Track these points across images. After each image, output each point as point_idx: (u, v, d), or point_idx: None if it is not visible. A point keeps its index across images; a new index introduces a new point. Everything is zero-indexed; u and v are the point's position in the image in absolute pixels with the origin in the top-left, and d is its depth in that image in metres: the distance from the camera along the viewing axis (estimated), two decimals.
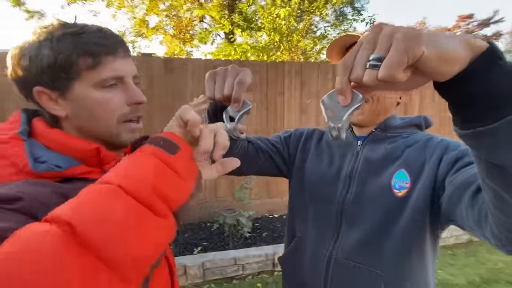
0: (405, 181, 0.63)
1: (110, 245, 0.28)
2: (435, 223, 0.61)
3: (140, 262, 0.29)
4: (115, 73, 0.48)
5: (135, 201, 0.31)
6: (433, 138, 0.66)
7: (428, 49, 0.27)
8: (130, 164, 0.34)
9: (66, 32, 0.46)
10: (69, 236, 0.27)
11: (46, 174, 0.42)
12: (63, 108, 0.48)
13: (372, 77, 0.30)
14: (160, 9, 7.76)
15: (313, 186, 0.76)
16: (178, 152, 0.36)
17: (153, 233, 0.31)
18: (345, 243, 0.67)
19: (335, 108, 0.36)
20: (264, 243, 2.79)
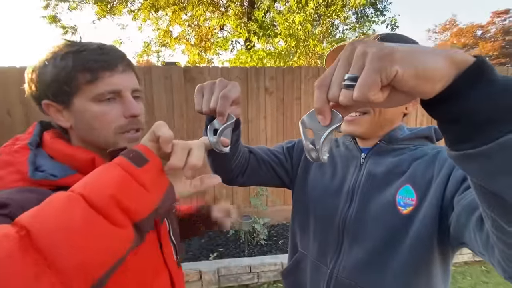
0: (411, 198, 0.58)
1: (57, 249, 0.29)
2: (444, 243, 0.56)
3: (85, 268, 0.30)
4: (112, 87, 0.51)
5: (92, 210, 0.32)
6: (442, 151, 0.61)
7: (402, 68, 0.25)
8: (96, 173, 0.36)
9: (68, 50, 0.51)
10: (25, 240, 0.28)
11: (43, 182, 0.46)
12: (67, 119, 0.53)
13: (348, 97, 0.28)
14: (183, 19, 8.09)
15: (315, 199, 0.73)
16: (146, 164, 0.36)
17: (105, 241, 0.32)
18: (347, 261, 0.64)
19: (316, 127, 0.34)
20: (280, 252, 2.74)
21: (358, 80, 0.27)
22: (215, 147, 0.48)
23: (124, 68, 0.53)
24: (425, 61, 0.26)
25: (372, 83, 0.26)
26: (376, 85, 0.26)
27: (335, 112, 0.32)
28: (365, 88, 0.26)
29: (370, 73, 0.26)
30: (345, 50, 0.30)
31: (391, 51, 0.26)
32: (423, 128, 0.67)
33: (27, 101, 2.19)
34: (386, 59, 0.26)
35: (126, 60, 0.54)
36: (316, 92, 0.31)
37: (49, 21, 6.53)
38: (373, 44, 0.27)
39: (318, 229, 0.71)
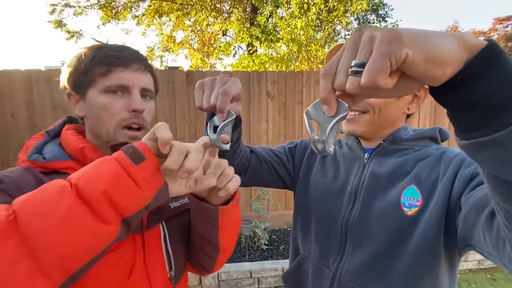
0: (416, 198, 0.57)
1: (40, 237, 0.29)
2: (450, 245, 0.54)
3: (65, 261, 0.30)
4: (121, 82, 0.54)
5: (81, 202, 0.32)
6: (448, 151, 0.59)
7: (412, 51, 0.24)
8: (93, 166, 0.36)
9: (92, 47, 0.56)
10: (12, 224, 0.29)
11: (34, 163, 0.50)
12: (82, 109, 0.57)
13: (355, 84, 0.27)
14: (186, 25, 8.19)
15: (317, 200, 0.71)
16: (143, 162, 0.36)
17: (88, 237, 0.32)
18: (350, 263, 0.62)
19: (321, 119, 0.33)
20: (281, 257, 2.70)
21: (366, 66, 0.26)
22: (215, 144, 0.47)
23: (138, 67, 0.56)
24: (436, 44, 0.25)
25: (381, 68, 0.25)
26: (385, 69, 0.25)
27: (341, 101, 0.31)
28: (373, 73, 0.25)
29: (378, 57, 0.25)
30: (351, 37, 0.29)
31: (400, 34, 0.25)
32: (427, 128, 0.66)
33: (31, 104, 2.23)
34: (395, 42, 0.25)
35: (142, 61, 0.57)
36: (322, 82, 0.30)
37: (55, 26, 6.63)
38: (380, 29, 0.26)
39: (320, 231, 0.69)
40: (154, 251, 0.55)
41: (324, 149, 0.34)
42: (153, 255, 0.55)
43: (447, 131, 0.67)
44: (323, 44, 4.83)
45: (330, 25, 5.09)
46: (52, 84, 2.88)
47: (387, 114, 0.62)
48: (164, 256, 0.57)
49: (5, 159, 2.86)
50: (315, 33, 4.44)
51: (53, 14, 6.57)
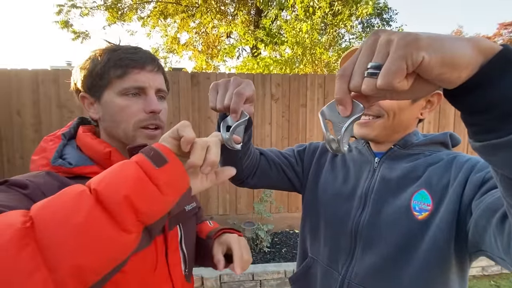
0: (427, 203, 0.57)
1: (55, 245, 0.27)
2: (461, 250, 0.54)
3: (81, 271, 0.28)
4: (138, 84, 0.54)
5: (101, 208, 0.30)
6: (458, 156, 0.60)
7: (429, 54, 0.25)
8: (113, 170, 0.35)
9: (106, 49, 0.56)
10: (29, 231, 0.27)
11: (60, 169, 0.49)
12: (97, 111, 0.57)
13: (371, 86, 0.28)
14: (190, 26, 8.25)
15: (326, 203, 0.71)
16: (165, 165, 0.35)
17: (107, 246, 0.30)
18: (360, 267, 0.62)
19: (336, 119, 0.34)
20: (283, 260, 2.69)
21: (382, 68, 0.27)
22: (227, 143, 0.48)
23: (153, 68, 0.56)
24: (452, 48, 0.25)
25: (397, 70, 0.26)
26: (401, 71, 0.26)
27: (356, 102, 0.32)
28: (390, 75, 0.26)
29: (395, 59, 0.26)
30: (367, 40, 0.29)
31: (417, 37, 0.25)
32: (438, 134, 0.66)
33: (37, 103, 2.25)
34: (412, 45, 0.25)
35: (156, 62, 0.58)
36: (337, 82, 0.31)
37: (61, 26, 6.70)
38: (397, 32, 0.27)
39: (329, 234, 0.69)
40: (174, 251, 0.58)
41: (338, 149, 0.34)
42: (174, 255, 0.58)
43: (458, 136, 0.67)
44: (327, 48, 4.85)
45: (335, 29, 5.11)
46: (58, 84, 2.90)
47: (401, 119, 0.63)
48: (181, 256, 0.60)
49: (11, 157, 2.89)
50: (320, 36, 4.46)
51: (60, 14, 6.64)
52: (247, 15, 7.87)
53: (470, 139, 0.30)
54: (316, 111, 3.31)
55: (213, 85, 0.52)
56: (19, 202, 0.38)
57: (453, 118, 3.43)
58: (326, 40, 4.67)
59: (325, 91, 3.31)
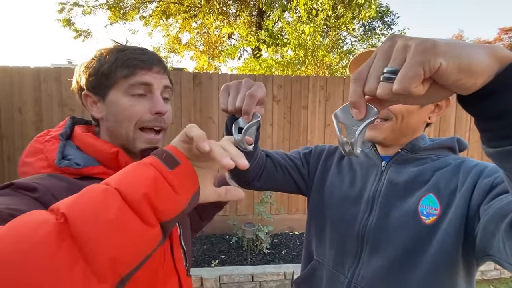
0: (434, 207, 0.57)
1: (94, 241, 0.28)
2: (468, 255, 0.54)
3: (117, 264, 0.30)
4: (143, 80, 0.54)
5: (127, 205, 0.31)
6: (466, 161, 0.60)
7: (446, 60, 0.25)
8: (130, 170, 0.36)
9: (113, 49, 0.56)
10: (63, 226, 0.28)
11: (66, 170, 0.48)
12: (100, 110, 0.56)
13: (387, 90, 0.28)
14: (192, 27, 8.26)
15: (332, 206, 0.72)
16: (177, 167, 0.36)
17: (136, 239, 0.32)
18: (366, 270, 0.62)
19: (349, 122, 0.34)
20: (282, 261, 2.69)
21: (399, 73, 0.27)
22: (239, 145, 0.48)
23: (159, 70, 0.56)
24: (469, 55, 0.26)
25: (414, 75, 0.26)
26: (418, 77, 0.26)
27: (370, 106, 0.32)
28: (406, 80, 0.26)
29: (412, 65, 0.26)
30: (383, 45, 0.30)
31: (435, 44, 0.26)
32: (446, 138, 0.66)
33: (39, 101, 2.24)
34: (430, 51, 0.26)
35: (162, 64, 0.58)
36: (352, 86, 0.31)
37: (63, 24, 6.71)
38: (414, 38, 0.27)
39: (335, 237, 0.69)
40: (177, 247, 0.60)
41: (351, 151, 0.35)
42: (177, 251, 0.59)
43: (465, 141, 0.67)
44: (330, 50, 4.86)
45: (337, 32, 5.12)
46: (60, 82, 2.90)
47: (409, 122, 0.63)
48: (181, 250, 0.62)
49: (11, 155, 2.88)
50: (322, 38, 4.47)
51: (62, 12, 6.65)
52: (249, 16, 7.89)
53: (483, 145, 0.31)
54: (317, 113, 3.32)
55: (224, 87, 0.52)
56: (28, 206, 0.38)
57: (453, 122, 3.45)
58: (329, 43, 4.69)
59: (327, 93, 3.32)
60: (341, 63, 4.94)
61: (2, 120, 2.85)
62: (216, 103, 3.16)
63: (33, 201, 0.40)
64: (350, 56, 4.89)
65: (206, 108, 3.15)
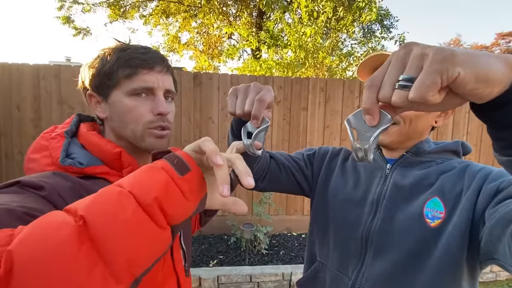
0: (439, 210, 0.57)
1: (110, 241, 0.29)
2: (473, 258, 0.55)
3: (132, 265, 0.30)
4: (147, 84, 0.54)
5: (140, 208, 0.32)
6: (471, 165, 0.60)
7: (464, 70, 0.26)
8: (141, 174, 0.36)
9: (116, 48, 0.55)
10: (82, 228, 0.28)
11: (70, 169, 0.48)
12: (104, 110, 0.56)
13: (402, 98, 0.28)
14: (192, 26, 8.25)
15: (336, 208, 0.72)
16: (188, 173, 0.36)
17: (150, 241, 0.32)
18: (370, 272, 0.63)
19: (361, 128, 0.35)
20: (280, 262, 2.70)
21: (415, 81, 0.27)
22: (248, 150, 0.48)
23: (162, 69, 0.56)
24: (486, 64, 0.26)
25: (432, 84, 0.26)
26: (436, 86, 0.26)
27: (383, 112, 0.32)
28: (423, 88, 0.26)
29: (430, 73, 0.26)
30: (398, 52, 0.30)
31: (453, 53, 0.26)
32: (450, 142, 0.67)
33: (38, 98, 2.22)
34: (448, 60, 0.26)
35: (165, 63, 0.57)
36: (366, 92, 0.31)
37: (63, 22, 6.66)
38: (431, 46, 0.28)
39: (339, 239, 0.70)
40: (177, 248, 0.60)
41: (364, 158, 0.35)
42: (177, 252, 0.59)
43: (469, 145, 0.68)
44: (330, 52, 4.88)
45: (338, 34, 5.14)
46: (60, 79, 2.88)
47: (417, 126, 0.63)
48: (181, 251, 0.62)
49: (9, 152, 2.86)
50: (322, 41, 4.49)
51: (61, 10, 6.61)
52: (249, 17, 7.90)
53: (495, 153, 0.31)
54: (317, 114, 3.33)
55: (232, 90, 0.52)
56: (38, 204, 0.38)
57: (451, 126, 3.48)
58: (329, 45, 4.70)
59: (327, 95, 3.33)
60: (340, 65, 4.96)
61: (0, 117, 2.83)
62: (216, 103, 3.16)
63: (41, 199, 0.40)
64: (350, 58, 4.91)
65: (206, 108, 3.15)
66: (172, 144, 0.55)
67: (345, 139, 3.35)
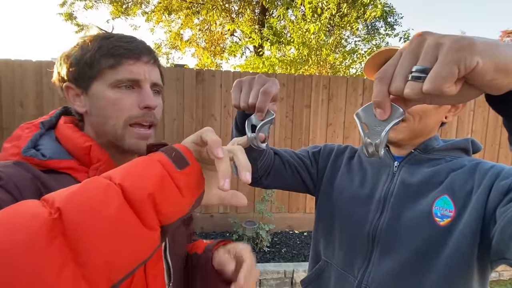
0: (449, 209, 0.56)
1: (87, 240, 0.26)
2: (483, 258, 0.53)
3: (110, 269, 0.27)
4: (132, 76, 0.50)
5: (128, 205, 0.29)
6: (482, 163, 0.59)
7: (483, 59, 0.24)
8: (135, 166, 0.33)
9: (97, 36, 0.51)
10: (57, 222, 0.26)
11: (31, 160, 0.45)
12: (83, 104, 0.51)
13: (416, 90, 0.27)
14: (194, 23, 8.22)
15: (341, 206, 0.71)
16: (186, 168, 0.34)
17: (134, 243, 0.29)
18: (377, 272, 0.61)
19: (372, 122, 0.33)
20: (282, 260, 2.70)
21: (430, 72, 0.26)
22: (252, 143, 0.46)
23: (149, 60, 0.52)
24: (506, 54, 0.25)
25: (448, 74, 0.25)
26: (452, 76, 0.25)
27: (395, 106, 0.31)
28: (439, 79, 0.25)
29: (446, 63, 0.25)
30: (412, 42, 0.28)
31: (471, 42, 0.25)
32: (459, 139, 0.65)
33: (40, 94, 2.21)
34: (466, 50, 0.24)
35: (152, 54, 0.53)
36: (377, 85, 0.30)
37: (65, 18, 6.66)
38: (446, 35, 0.26)
39: (344, 238, 0.68)
40: (155, 262, 0.51)
41: (374, 153, 0.33)
42: (154, 266, 0.51)
43: (479, 143, 0.67)
44: (333, 49, 4.84)
45: (341, 31, 5.10)
46: None
47: (426, 122, 0.62)
48: (164, 267, 0.53)
49: None
50: (326, 38, 4.45)
51: (64, 6, 6.61)
52: (251, 13, 7.85)
53: (511, 146, 0.30)
54: (320, 112, 3.31)
55: (237, 82, 0.50)
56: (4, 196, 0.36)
57: (455, 123, 3.44)
58: (333, 42, 4.66)
59: (330, 93, 3.31)
60: (344, 62, 4.92)
61: (3, 114, 2.84)
62: (218, 100, 3.15)
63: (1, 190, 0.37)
64: (354, 56, 4.87)
65: (209, 106, 3.14)
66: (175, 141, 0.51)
67: (348, 137, 3.33)
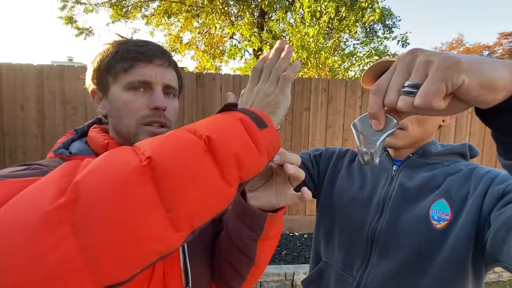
0: (445, 212, 0.58)
1: (176, 188, 0.28)
2: (478, 261, 0.55)
3: (194, 216, 0.29)
4: (143, 78, 0.52)
5: (211, 157, 0.30)
6: (478, 168, 0.61)
7: (469, 77, 0.26)
8: (220, 122, 0.34)
9: (116, 42, 0.55)
10: (147, 169, 0.27)
11: (60, 157, 0.50)
12: (104, 107, 0.55)
13: (408, 103, 0.29)
14: (194, 26, 8.26)
15: (342, 209, 0.72)
16: (265, 129, 0.35)
17: (214, 193, 0.31)
18: (375, 273, 0.63)
19: (367, 132, 0.35)
20: (283, 262, 2.70)
21: (421, 87, 0.28)
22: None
23: (162, 63, 0.54)
24: (491, 71, 0.27)
25: (437, 91, 0.27)
26: (441, 92, 0.27)
27: (389, 117, 0.33)
28: (428, 95, 0.27)
29: (435, 81, 0.27)
30: (403, 58, 0.30)
31: (457, 60, 0.27)
32: (457, 144, 0.67)
33: (41, 98, 2.22)
34: (453, 68, 0.27)
35: (166, 56, 0.55)
36: (372, 97, 0.32)
37: (65, 22, 6.68)
38: (436, 53, 0.28)
39: (344, 239, 0.70)
40: (173, 263, 0.50)
41: (370, 161, 0.36)
42: (172, 267, 0.50)
43: (476, 148, 0.68)
44: (332, 52, 4.87)
45: (340, 34, 5.13)
46: (63, 80, 2.90)
47: (425, 127, 0.64)
48: (182, 269, 0.51)
49: (13, 152, 2.88)
50: (325, 41, 4.48)
51: (64, 10, 6.64)
52: (251, 16, 7.90)
53: (500, 157, 0.32)
54: (319, 114, 3.33)
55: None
56: None
57: (454, 126, 3.47)
58: (331, 45, 4.69)
59: (329, 96, 3.33)
60: (343, 65, 4.95)
61: (4, 117, 2.85)
62: (218, 104, 3.17)
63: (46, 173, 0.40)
64: (352, 59, 4.91)
65: (209, 109, 3.16)
66: None
67: (347, 139, 3.35)
